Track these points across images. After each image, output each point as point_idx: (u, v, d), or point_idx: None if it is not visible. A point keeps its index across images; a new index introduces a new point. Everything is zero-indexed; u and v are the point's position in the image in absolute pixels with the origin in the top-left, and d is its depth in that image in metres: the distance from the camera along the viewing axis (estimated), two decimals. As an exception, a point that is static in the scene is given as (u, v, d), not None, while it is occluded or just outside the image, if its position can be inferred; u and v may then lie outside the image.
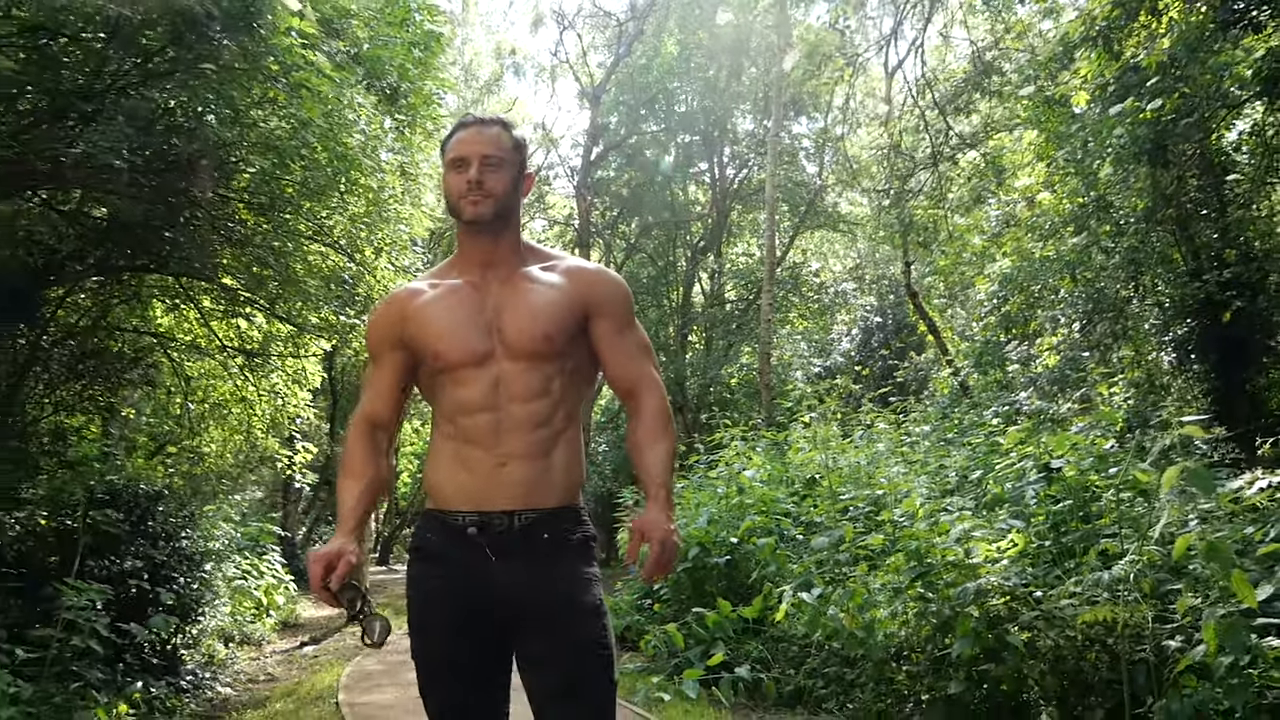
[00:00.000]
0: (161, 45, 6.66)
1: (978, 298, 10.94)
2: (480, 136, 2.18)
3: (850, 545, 6.65)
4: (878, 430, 8.77)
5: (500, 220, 2.18)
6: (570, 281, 2.22)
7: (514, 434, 2.10)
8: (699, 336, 21.21)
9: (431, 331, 2.16)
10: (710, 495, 8.47)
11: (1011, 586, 5.03)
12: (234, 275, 9.01)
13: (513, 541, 2.07)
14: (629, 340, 2.24)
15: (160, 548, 8.09)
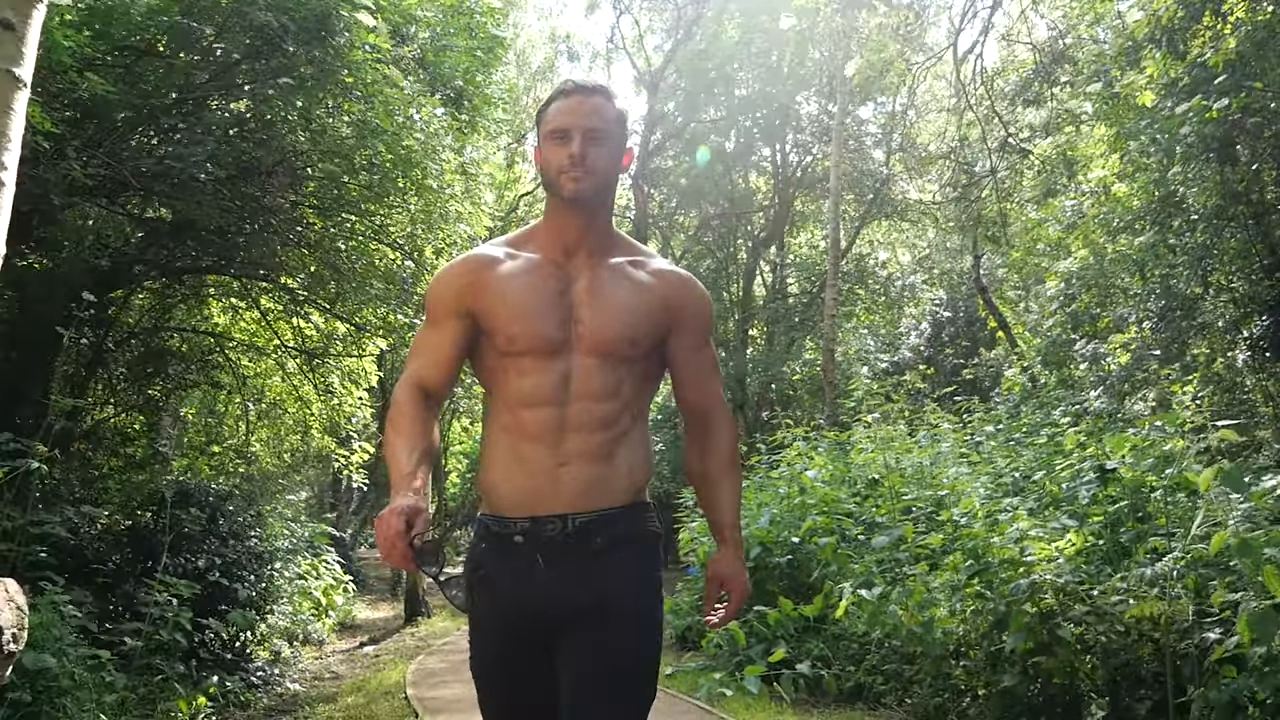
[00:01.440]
0: (239, 59, 7.42)
1: (1048, 294, 11.38)
2: (584, 106, 2.14)
3: (910, 545, 7.20)
4: (941, 431, 9.27)
5: (599, 199, 2.17)
6: (660, 286, 2.21)
7: (578, 434, 2.08)
8: (760, 331, 21.71)
9: (507, 310, 2.13)
10: (772, 495, 9.03)
11: (1064, 583, 5.57)
12: (294, 275, 9.75)
13: (565, 546, 2.06)
14: (705, 358, 2.26)
15: (231, 546, 8.88)
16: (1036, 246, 13.24)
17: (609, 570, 2.08)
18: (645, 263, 2.25)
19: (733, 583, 2.18)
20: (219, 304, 11.57)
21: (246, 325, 11.89)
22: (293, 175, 8.02)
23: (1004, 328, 14.16)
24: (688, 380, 2.25)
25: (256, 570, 9.10)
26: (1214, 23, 7.18)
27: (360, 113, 7.50)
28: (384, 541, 1.87)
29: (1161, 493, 5.54)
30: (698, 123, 20.94)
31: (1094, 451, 6.80)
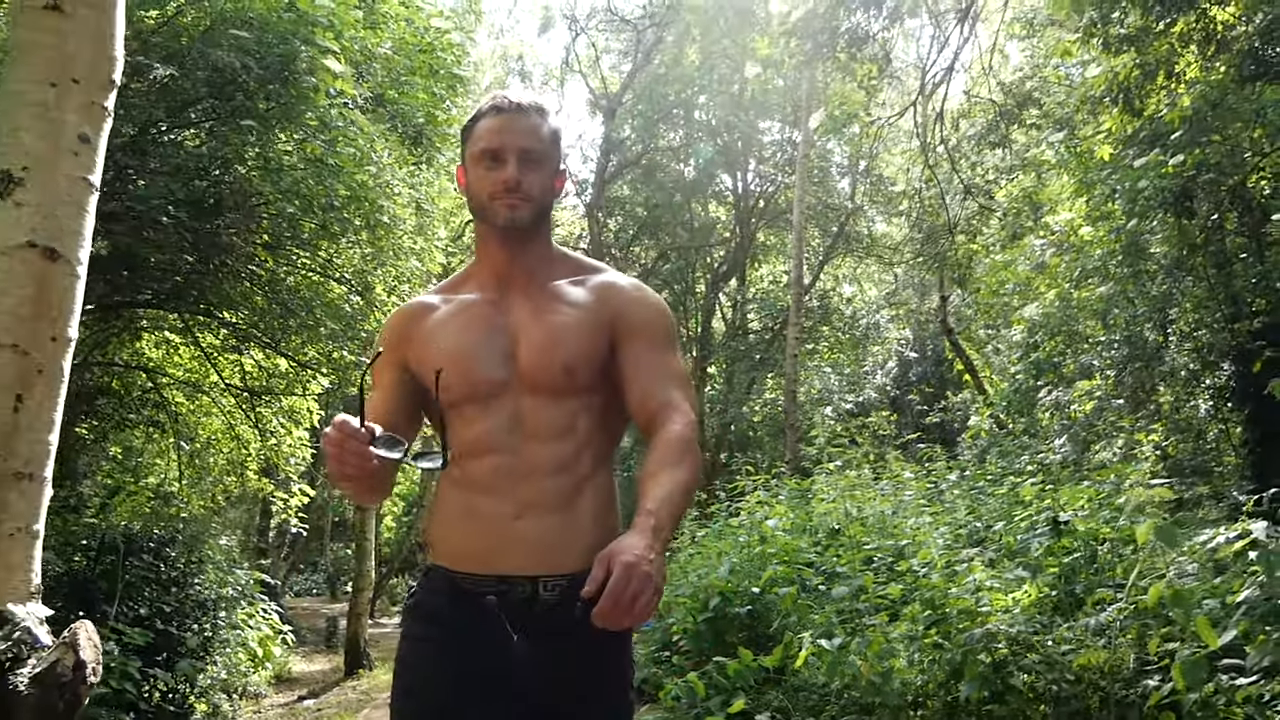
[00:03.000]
0: (198, 97, 7.95)
1: (1013, 339, 12.14)
2: (518, 125, 2.10)
3: (870, 595, 7.83)
4: (902, 479, 9.93)
5: (535, 226, 2.13)
6: (599, 300, 2.16)
7: (531, 480, 2.02)
8: (719, 370, 22.38)
9: (437, 357, 2.07)
10: (732, 544, 9.63)
11: (1015, 632, 6.22)
12: (236, 311, 10.24)
13: (538, 616, 2.02)
14: (658, 361, 2.13)
15: (173, 594, 9.30)
16: (1005, 286, 14.03)
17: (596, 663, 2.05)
18: (587, 279, 2.20)
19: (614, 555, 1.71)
20: (152, 338, 12.01)
21: (181, 361, 12.32)
22: (247, 213, 8.54)
23: (971, 371, 14.93)
24: (639, 388, 2.09)
25: (199, 619, 9.52)
26: (1168, 83, 7.98)
27: (321, 154, 8.05)
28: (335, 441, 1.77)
29: (1109, 545, 6.22)
30: (656, 150, 21.66)
31: (1050, 502, 7.48)
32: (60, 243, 2.89)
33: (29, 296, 2.83)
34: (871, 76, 8.14)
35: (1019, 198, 12.56)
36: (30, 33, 2.89)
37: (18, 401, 2.81)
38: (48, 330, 2.87)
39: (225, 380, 11.66)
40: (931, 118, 9.35)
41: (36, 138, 2.86)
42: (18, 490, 2.81)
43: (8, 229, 2.82)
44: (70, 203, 2.91)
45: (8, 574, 2.81)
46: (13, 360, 2.81)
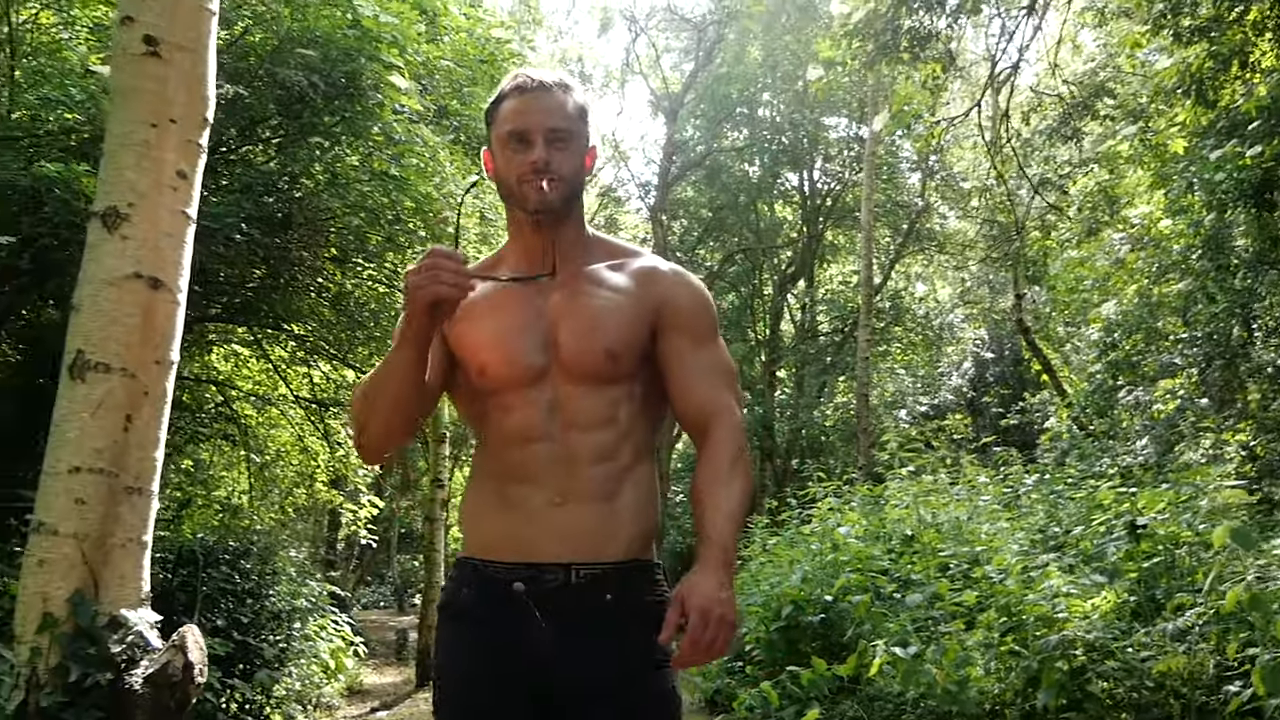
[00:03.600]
0: (267, 116, 8.33)
1: (1091, 337, 12.17)
2: (544, 103, 2.08)
3: (945, 602, 7.97)
4: (977, 484, 10.03)
5: (567, 207, 2.12)
6: (641, 286, 2.15)
7: (573, 469, 2.03)
8: (789, 374, 22.50)
9: (477, 336, 2.10)
10: (804, 552, 9.80)
11: (1093, 639, 6.35)
12: (303, 323, 10.63)
13: (568, 602, 2.01)
14: (705, 359, 2.14)
15: (249, 605, 9.68)
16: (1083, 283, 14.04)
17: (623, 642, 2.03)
18: (627, 263, 2.19)
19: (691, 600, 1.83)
20: (221, 351, 12.46)
21: (250, 373, 12.77)
22: (316, 227, 8.89)
23: (1048, 371, 14.94)
24: (683, 385, 2.11)
25: (274, 630, 9.89)
26: (1243, 73, 8.04)
27: (387, 168, 8.39)
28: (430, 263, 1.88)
29: (1186, 549, 6.33)
30: (719, 151, 21.85)
31: (1129, 506, 7.57)
32: (163, 272, 3.19)
33: (136, 324, 3.14)
34: (936, 76, 8.27)
35: (1094, 192, 12.58)
36: (132, 78, 3.20)
37: (127, 421, 3.11)
38: (152, 355, 3.17)
39: (294, 392, 12.05)
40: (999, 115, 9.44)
41: (139, 175, 3.16)
42: (129, 504, 3.11)
43: (115, 261, 3.12)
44: (171, 235, 3.21)
45: (120, 582, 3.11)
46: (122, 383, 3.11)
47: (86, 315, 3.13)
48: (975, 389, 22.36)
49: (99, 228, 3.15)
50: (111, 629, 3.05)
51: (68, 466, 3.08)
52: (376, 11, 7.84)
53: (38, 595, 3.06)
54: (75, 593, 3.05)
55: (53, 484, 3.10)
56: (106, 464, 3.08)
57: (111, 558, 3.11)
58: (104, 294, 3.12)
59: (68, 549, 3.05)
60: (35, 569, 3.08)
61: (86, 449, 3.07)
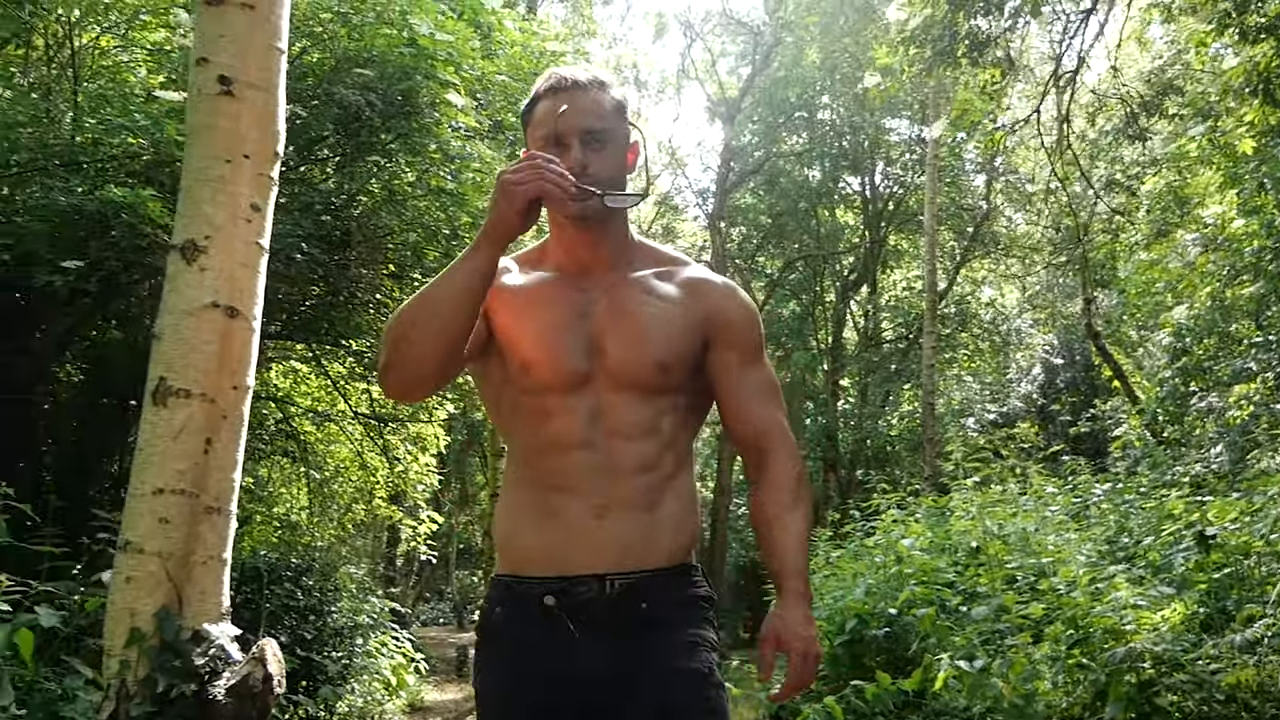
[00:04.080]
0: (325, 135, 8.62)
1: (1162, 342, 12.17)
2: (578, 104, 2.06)
3: (1012, 614, 8.05)
4: (1045, 494, 10.08)
5: (607, 209, 2.08)
6: (691, 297, 2.16)
7: (616, 478, 2.03)
8: (853, 382, 22.56)
9: (523, 331, 2.09)
10: (868, 564, 9.91)
11: (1160, 651, 6.43)
12: (361, 338, 10.93)
13: (601, 611, 2.01)
14: (756, 377, 2.18)
15: (311, 622, 9.98)
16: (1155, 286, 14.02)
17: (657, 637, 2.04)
18: (674, 272, 2.19)
19: (790, 641, 1.99)
20: (280, 368, 12.81)
21: (309, 390, 13.11)
22: (374, 244, 9.18)
23: (1120, 377, 14.91)
24: (736, 403, 2.16)
25: (337, 646, 10.18)
26: (1313, 71, 8.07)
27: (444, 184, 8.66)
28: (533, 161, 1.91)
29: (1255, 559, 6.39)
30: (777, 156, 22.00)
31: (1199, 516, 7.63)
32: (239, 301, 3.44)
33: (214, 352, 3.39)
34: (994, 81, 8.38)
35: (1163, 192, 12.58)
36: (207, 116, 3.46)
37: (207, 444, 3.36)
38: (230, 380, 3.42)
39: (353, 408, 12.36)
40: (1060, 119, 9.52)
41: (215, 209, 3.42)
42: (209, 523, 3.36)
43: (194, 291, 3.38)
44: (246, 265, 3.47)
45: (202, 598, 3.36)
46: (202, 408, 3.36)
47: (168, 343, 3.39)
48: (1045, 396, 22.28)
49: (178, 260, 3.42)
50: (195, 642, 3.30)
51: (152, 488, 3.33)
52: (432, 30, 8.09)
53: (125, 611, 3.31)
54: (161, 608, 3.31)
55: (138, 505, 3.36)
56: (188, 485, 3.34)
57: (194, 574, 3.36)
58: (184, 323, 3.38)
59: (153, 566, 3.31)
60: (123, 586, 3.34)
61: (169, 471, 3.33)
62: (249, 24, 3.45)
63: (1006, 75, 8.43)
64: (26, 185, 7.76)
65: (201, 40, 3.50)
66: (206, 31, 3.49)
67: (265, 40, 3.50)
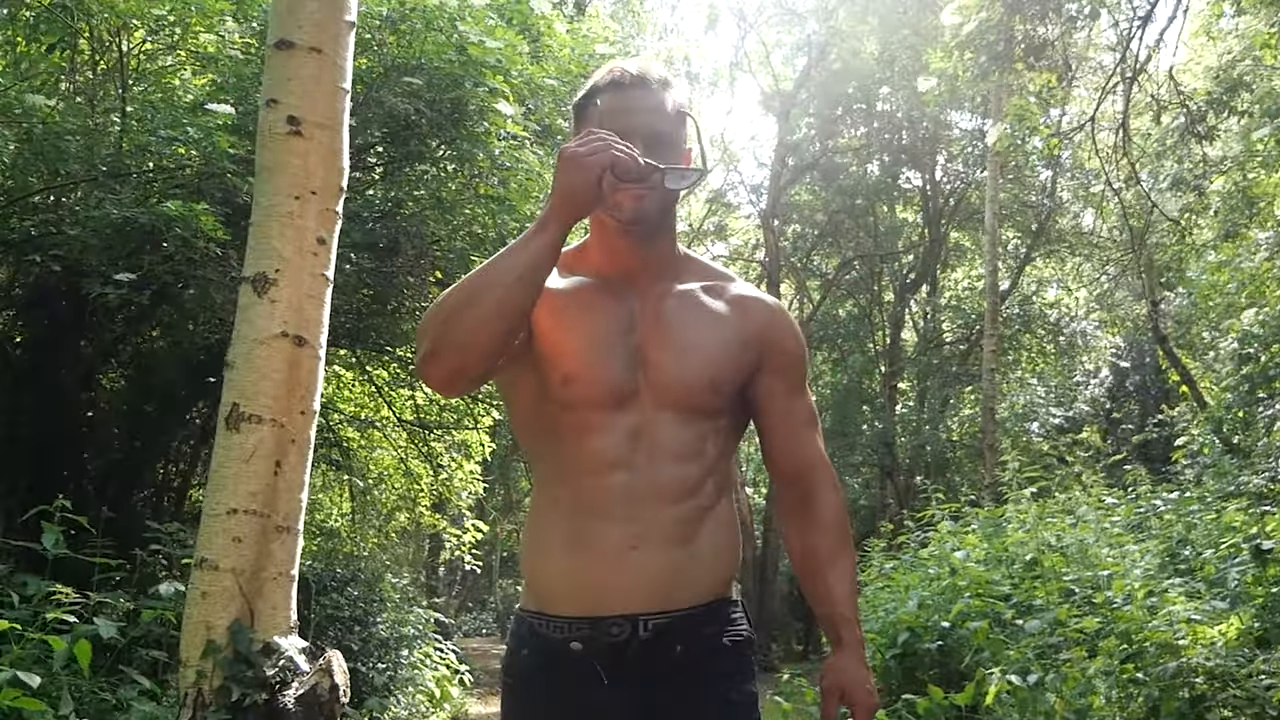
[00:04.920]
0: (373, 143, 9.01)
1: (1228, 349, 12.31)
2: (645, 103, 2.04)
3: (1066, 628, 8.29)
4: (1104, 505, 10.28)
5: (661, 217, 2.07)
6: (741, 315, 2.13)
7: (653, 505, 1.97)
8: (911, 386, 22.71)
9: (564, 338, 2.03)
10: (921, 577, 10.16)
11: (1212, 666, 6.67)
12: (407, 345, 11.31)
13: (634, 657, 1.96)
14: (800, 408, 2.17)
15: (356, 633, 10.37)
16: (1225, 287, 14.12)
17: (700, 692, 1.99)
18: (722, 288, 2.16)
19: (856, 694, 1.99)
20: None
21: (352, 396, 13.52)
22: (421, 251, 9.55)
23: (1188, 382, 15.03)
24: (781, 434, 2.15)
25: (382, 657, 10.58)
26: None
27: (493, 192, 9.02)
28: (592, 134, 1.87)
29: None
30: (834, 152, 22.19)
31: (1258, 529, 7.84)
32: (306, 331, 3.83)
33: (283, 379, 3.78)
34: (1051, 85, 8.61)
35: (1232, 192, 12.71)
36: (276, 155, 3.84)
37: (277, 467, 3.74)
38: (298, 406, 3.81)
39: (398, 415, 12.75)
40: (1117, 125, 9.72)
41: (285, 243, 3.80)
42: (279, 541, 3.75)
43: (266, 322, 3.77)
44: (312, 296, 3.85)
45: (272, 612, 3.74)
46: (272, 432, 3.75)
47: (240, 371, 3.78)
48: (1114, 400, 22.35)
49: (249, 292, 3.82)
50: (265, 654, 3.68)
51: (226, 508, 3.73)
52: (482, 37, 8.41)
53: (201, 624, 3.70)
54: (234, 621, 3.70)
55: (213, 524, 3.75)
56: (259, 506, 3.72)
57: (264, 590, 3.75)
58: (255, 352, 3.77)
59: (227, 582, 3.70)
60: (199, 600, 3.73)
61: (242, 493, 3.72)
62: (317, 67, 3.84)
63: (1064, 79, 8.67)
64: (77, 195, 8.17)
65: (271, 82, 3.90)
66: (276, 74, 3.89)
67: (331, 82, 3.89)
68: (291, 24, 3.85)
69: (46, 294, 8.43)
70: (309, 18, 3.86)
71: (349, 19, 4.02)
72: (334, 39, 3.91)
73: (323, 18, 3.88)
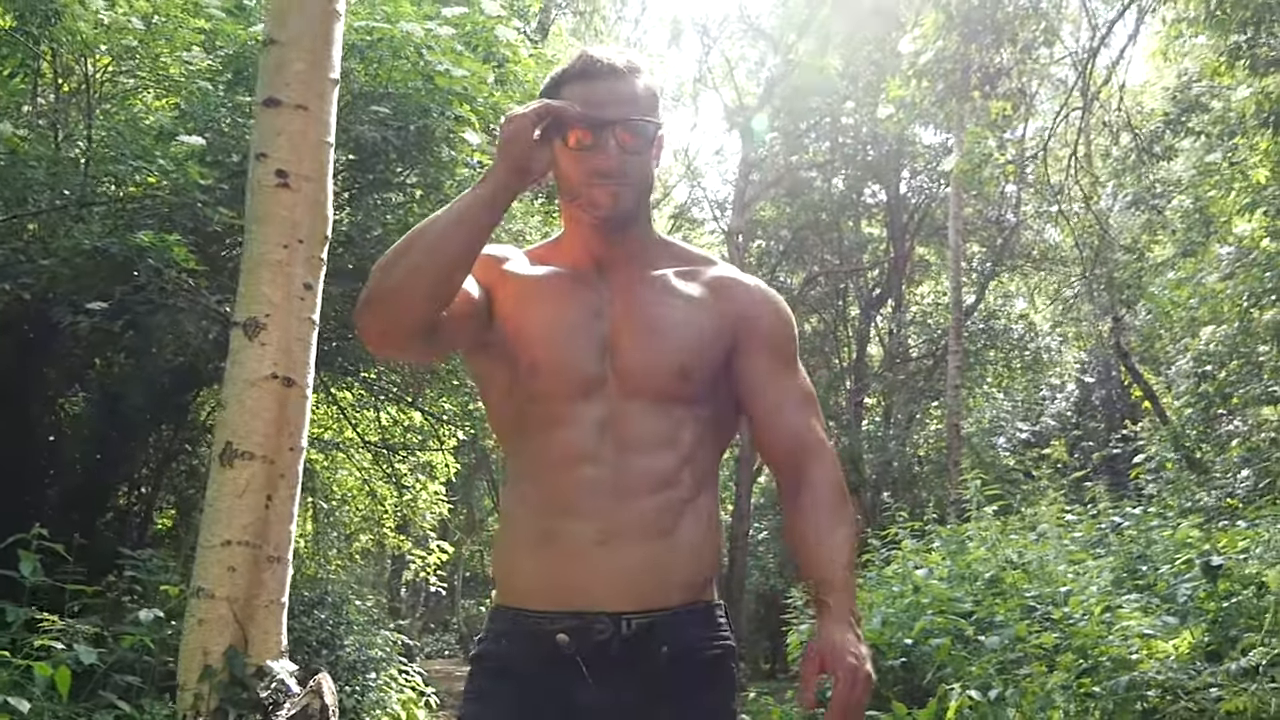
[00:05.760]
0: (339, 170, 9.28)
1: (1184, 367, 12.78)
2: (617, 94, 2.01)
3: (1025, 644, 8.66)
4: (1064, 522, 10.68)
5: (636, 209, 2.07)
6: (718, 297, 2.12)
7: (625, 499, 1.97)
8: (877, 402, 23.12)
9: (529, 324, 2.04)
10: (885, 594, 10.52)
11: (1164, 679, 7.07)
12: (371, 367, 11.61)
13: (619, 656, 1.95)
14: (791, 384, 2.12)
15: (323, 656, 10.62)
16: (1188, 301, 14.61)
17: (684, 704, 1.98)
18: (699, 271, 2.16)
19: (836, 661, 1.83)
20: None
21: (315, 417, 13.77)
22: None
23: (1150, 397, 15.52)
24: (768, 415, 2.10)
25: (349, 680, 10.83)
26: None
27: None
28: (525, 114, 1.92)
29: (1254, 588, 7.05)
30: (797, 168, 22.58)
31: (1210, 544, 8.25)
32: (294, 372, 4.17)
33: (273, 418, 4.13)
34: (1006, 113, 9.03)
35: (1189, 210, 13.20)
36: (266, 206, 4.18)
37: (268, 501, 4.08)
38: (287, 443, 4.15)
39: (362, 436, 13.03)
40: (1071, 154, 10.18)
41: (273, 289, 4.14)
42: (270, 570, 4.08)
43: (256, 364, 4.11)
44: (300, 339, 4.20)
45: (264, 637, 4.08)
46: (263, 469, 4.09)
47: (233, 412, 4.13)
48: (1080, 413, 22.80)
49: (241, 336, 4.17)
50: (258, 677, 4.02)
51: (220, 540, 4.07)
52: (448, 67, 8.73)
53: (198, 649, 4.04)
54: (229, 647, 4.04)
55: (208, 555, 4.09)
56: (252, 537, 4.07)
57: (256, 617, 4.09)
58: (247, 393, 4.12)
59: (222, 610, 4.04)
60: (196, 627, 4.07)
61: (236, 525, 4.06)
62: (304, 123, 4.20)
63: (1019, 107, 9.09)
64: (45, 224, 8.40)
65: (260, 137, 4.26)
66: (265, 129, 4.25)
67: (317, 136, 4.25)
68: (279, 83, 4.22)
69: (10, 320, 8.64)
70: (295, 77, 4.23)
71: (333, 76, 4.39)
72: (319, 96, 4.29)
73: (308, 77, 4.25)
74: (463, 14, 9.31)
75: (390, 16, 8.74)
